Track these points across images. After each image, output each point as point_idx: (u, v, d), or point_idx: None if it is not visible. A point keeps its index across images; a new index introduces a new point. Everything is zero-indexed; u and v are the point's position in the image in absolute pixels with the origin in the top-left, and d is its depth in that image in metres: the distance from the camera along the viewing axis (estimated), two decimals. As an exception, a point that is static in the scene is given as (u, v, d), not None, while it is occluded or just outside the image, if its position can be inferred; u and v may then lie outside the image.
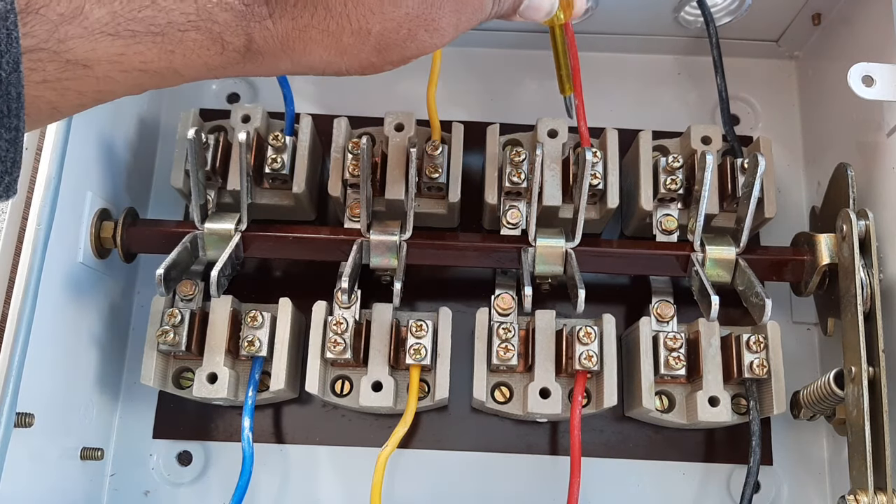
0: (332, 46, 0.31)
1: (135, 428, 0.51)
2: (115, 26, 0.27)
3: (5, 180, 0.26)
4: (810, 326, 0.53)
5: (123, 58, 0.28)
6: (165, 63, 0.29)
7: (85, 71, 0.27)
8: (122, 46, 0.28)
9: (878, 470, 0.40)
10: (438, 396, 0.46)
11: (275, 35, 0.31)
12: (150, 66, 0.29)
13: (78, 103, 0.28)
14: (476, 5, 0.34)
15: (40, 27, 0.26)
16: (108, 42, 0.27)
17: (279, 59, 0.32)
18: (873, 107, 0.46)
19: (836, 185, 0.48)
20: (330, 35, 0.31)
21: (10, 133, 0.25)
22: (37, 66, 0.26)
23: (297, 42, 0.31)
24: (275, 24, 0.30)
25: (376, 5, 0.31)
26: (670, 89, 0.59)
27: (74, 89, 0.28)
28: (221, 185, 0.50)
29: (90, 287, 0.48)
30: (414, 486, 0.51)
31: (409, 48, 0.33)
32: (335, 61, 0.32)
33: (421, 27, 0.32)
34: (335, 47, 0.32)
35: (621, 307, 0.53)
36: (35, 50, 0.26)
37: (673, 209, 0.50)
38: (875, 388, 0.41)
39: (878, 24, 0.46)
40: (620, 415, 0.51)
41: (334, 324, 0.46)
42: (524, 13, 0.37)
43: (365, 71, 0.33)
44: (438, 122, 0.50)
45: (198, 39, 0.29)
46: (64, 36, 0.26)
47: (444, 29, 0.33)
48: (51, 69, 0.27)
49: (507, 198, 0.50)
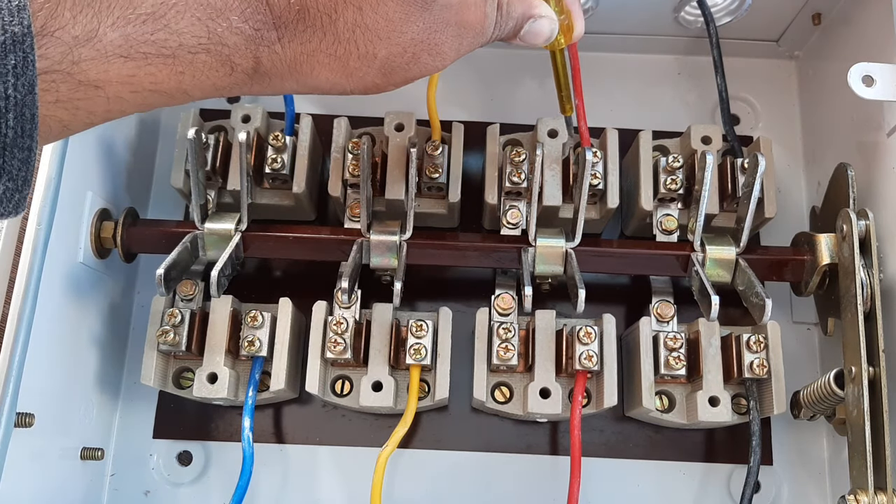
0: (339, 69, 0.32)
1: (135, 428, 0.51)
2: (127, 48, 0.28)
3: (15, 198, 0.27)
4: (810, 326, 0.53)
5: (134, 79, 0.28)
6: (175, 84, 0.29)
7: (96, 91, 0.28)
8: (134, 68, 0.28)
9: (879, 470, 0.40)
10: (438, 396, 0.46)
11: (283, 59, 0.31)
12: (160, 87, 0.29)
13: (88, 122, 0.29)
14: (477, 30, 0.35)
15: (55, 49, 0.26)
16: (120, 64, 0.28)
17: (285, 80, 0.32)
18: (873, 107, 0.46)
19: (836, 185, 0.48)
20: (337, 59, 0.32)
21: (23, 153, 0.26)
22: (50, 87, 0.26)
23: (305, 65, 0.32)
24: (283, 49, 0.31)
25: (383, 31, 0.32)
26: (670, 89, 0.59)
27: (85, 109, 0.28)
28: (221, 185, 0.50)
29: (90, 287, 0.48)
30: (414, 486, 0.51)
31: (412, 70, 0.34)
32: (340, 83, 0.33)
33: (424, 51, 0.33)
34: (341, 70, 0.32)
35: (621, 307, 0.53)
36: (49, 72, 0.26)
37: (673, 209, 0.50)
38: (875, 388, 0.41)
39: (878, 24, 0.46)
40: (620, 415, 0.51)
41: (334, 324, 0.46)
42: (525, 38, 0.37)
43: (368, 91, 0.34)
44: (438, 122, 0.50)
45: (207, 62, 0.30)
46: (78, 58, 0.27)
47: (447, 53, 0.34)
48: (63, 90, 0.27)
49: (507, 198, 0.50)
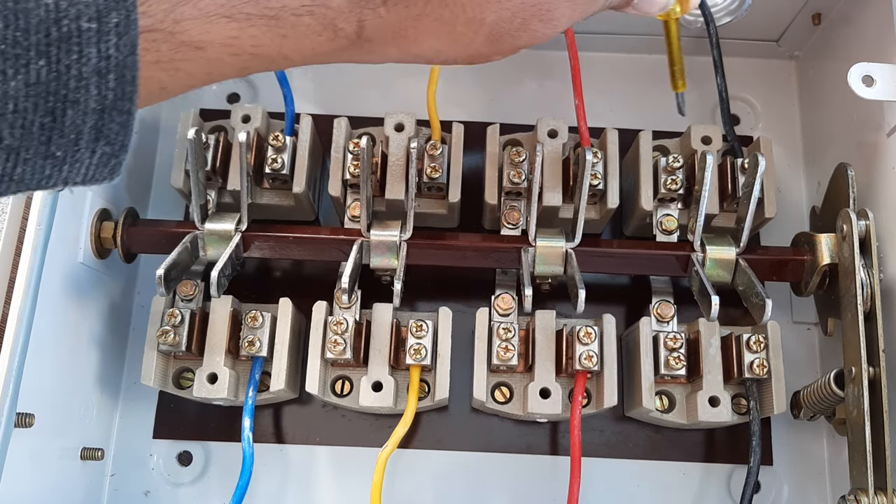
0: (444, 35, 0.31)
1: (135, 428, 0.51)
2: (230, 8, 0.27)
3: (111, 163, 0.26)
4: (810, 326, 0.53)
5: (236, 41, 0.28)
6: (276, 47, 0.29)
7: (197, 53, 0.27)
8: (237, 29, 0.27)
9: (879, 470, 0.40)
10: (438, 396, 0.46)
11: (387, 23, 0.30)
12: (260, 50, 0.29)
13: (187, 84, 0.28)
14: None
15: (157, 7, 0.26)
16: (223, 24, 0.27)
17: (388, 46, 0.31)
18: (873, 107, 0.46)
19: (836, 185, 0.48)
20: (443, 24, 0.30)
21: (122, 116, 0.25)
22: (151, 47, 0.26)
23: (410, 30, 0.30)
24: (388, 12, 0.30)
25: None
26: (670, 89, 0.59)
27: (185, 70, 0.27)
28: (221, 185, 0.50)
29: (90, 287, 0.48)
30: (414, 486, 0.51)
31: (521, 38, 0.32)
32: (445, 50, 0.31)
33: (535, 17, 0.31)
34: (447, 36, 0.31)
35: (621, 307, 0.53)
36: (151, 30, 0.26)
37: (673, 209, 0.50)
38: (875, 388, 0.41)
39: (878, 24, 0.46)
40: (620, 415, 0.51)
41: (334, 324, 0.46)
42: (638, 6, 0.36)
43: (473, 60, 0.32)
44: (438, 122, 0.50)
45: (311, 25, 0.29)
46: (180, 17, 0.26)
47: (558, 19, 0.32)
48: (164, 50, 0.26)
49: (507, 198, 0.50)
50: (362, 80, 0.58)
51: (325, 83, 0.58)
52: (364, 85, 0.58)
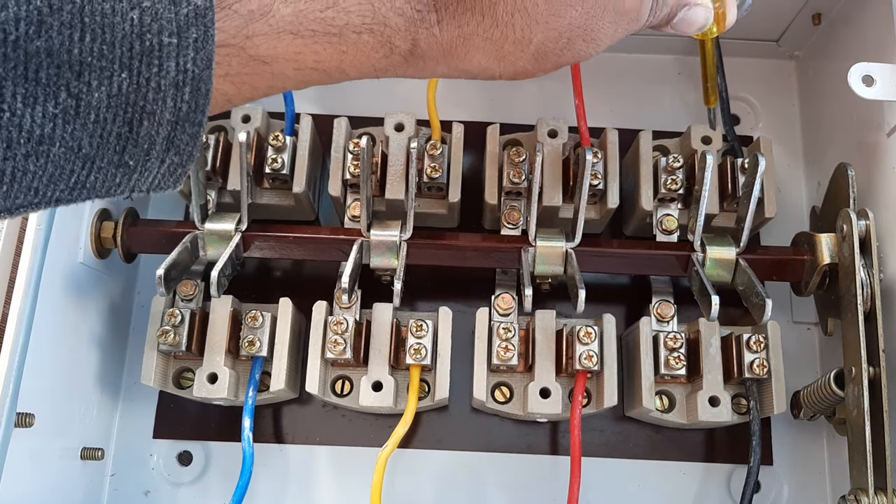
0: (492, 53, 0.32)
1: (135, 428, 0.51)
2: (297, 25, 0.28)
3: (177, 172, 0.27)
4: (810, 326, 0.53)
5: (300, 56, 0.29)
6: (336, 63, 0.30)
7: (263, 67, 0.28)
8: (301, 45, 0.28)
9: (879, 470, 0.40)
10: (438, 396, 0.46)
11: (440, 41, 0.31)
12: (321, 66, 0.29)
13: (249, 96, 0.29)
14: (633, 16, 0.34)
15: (231, 23, 0.27)
16: (290, 40, 0.28)
17: (439, 63, 0.32)
18: (873, 107, 0.46)
19: (836, 185, 0.48)
20: (492, 43, 0.31)
21: (193, 128, 0.26)
22: (223, 61, 0.27)
23: (460, 48, 0.31)
24: (441, 31, 0.31)
25: (542, 16, 0.31)
26: (670, 89, 0.59)
27: (250, 83, 0.28)
28: (221, 185, 0.50)
29: (90, 287, 0.48)
30: (414, 486, 0.51)
31: (564, 56, 0.33)
32: (491, 67, 0.33)
33: (579, 37, 0.33)
34: (495, 54, 0.32)
35: (621, 307, 0.53)
36: (224, 45, 0.26)
37: (673, 209, 0.50)
38: (875, 388, 0.41)
39: (878, 24, 0.46)
40: (620, 415, 0.51)
41: (334, 324, 0.46)
42: (677, 26, 0.37)
43: (517, 76, 0.33)
44: (438, 122, 0.50)
45: (369, 42, 0.30)
46: (251, 32, 0.27)
47: (601, 39, 0.33)
48: (234, 64, 0.27)
49: (507, 198, 0.50)
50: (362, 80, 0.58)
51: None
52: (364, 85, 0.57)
